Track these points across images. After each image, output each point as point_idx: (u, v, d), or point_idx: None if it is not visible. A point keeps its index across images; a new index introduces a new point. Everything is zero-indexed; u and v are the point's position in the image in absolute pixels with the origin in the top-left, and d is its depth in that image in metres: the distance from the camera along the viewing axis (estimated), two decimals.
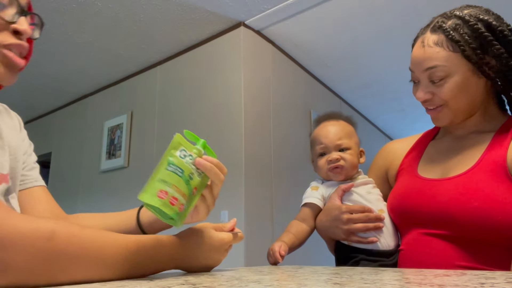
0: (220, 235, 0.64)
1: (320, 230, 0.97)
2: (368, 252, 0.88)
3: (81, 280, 0.43)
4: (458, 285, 0.36)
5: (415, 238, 0.84)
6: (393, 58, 2.76)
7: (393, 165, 1.00)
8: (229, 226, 0.68)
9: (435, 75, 0.80)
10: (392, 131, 4.42)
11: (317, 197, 0.98)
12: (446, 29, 0.79)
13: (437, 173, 0.86)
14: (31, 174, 0.77)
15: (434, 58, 0.79)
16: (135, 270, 0.50)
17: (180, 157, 0.54)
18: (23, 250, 0.39)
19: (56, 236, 0.41)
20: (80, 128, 3.28)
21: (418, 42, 0.84)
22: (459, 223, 0.76)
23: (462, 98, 0.81)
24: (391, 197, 0.93)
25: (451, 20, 0.80)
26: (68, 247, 0.42)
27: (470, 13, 0.80)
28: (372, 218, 0.88)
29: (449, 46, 0.78)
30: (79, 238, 0.44)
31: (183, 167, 0.53)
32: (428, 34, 0.82)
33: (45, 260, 0.40)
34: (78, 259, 0.43)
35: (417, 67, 0.83)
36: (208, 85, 2.39)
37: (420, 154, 0.94)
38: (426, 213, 0.82)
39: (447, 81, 0.79)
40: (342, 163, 0.95)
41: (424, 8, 2.19)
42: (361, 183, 0.97)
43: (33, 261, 0.40)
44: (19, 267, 0.39)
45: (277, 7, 2.17)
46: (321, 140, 1.00)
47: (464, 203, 0.75)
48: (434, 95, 0.82)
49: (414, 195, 0.85)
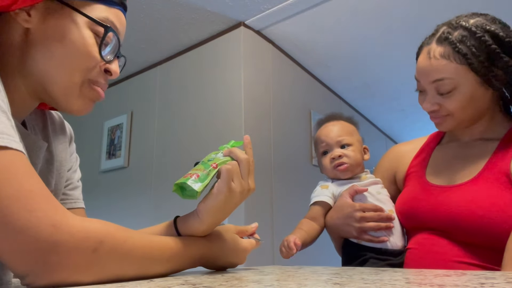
0: (244, 243, 0.70)
1: (330, 227, 0.96)
2: (377, 251, 0.88)
3: (126, 279, 0.48)
4: (458, 285, 0.36)
5: (423, 238, 0.85)
6: (393, 58, 2.76)
7: (401, 168, 1.00)
8: (252, 230, 0.76)
9: (442, 87, 0.79)
10: (392, 131, 4.42)
11: (327, 195, 0.98)
12: (453, 41, 0.77)
13: (444, 179, 0.86)
14: (73, 194, 0.78)
15: (441, 70, 0.78)
16: (173, 268, 0.55)
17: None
18: (72, 255, 0.42)
19: (103, 246, 0.45)
20: (80, 128, 3.28)
21: (423, 52, 0.83)
22: (466, 230, 0.77)
23: (469, 109, 0.81)
24: (400, 201, 0.94)
25: (457, 31, 0.78)
26: (111, 256, 0.46)
27: (476, 24, 0.78)
28: (384, 217, 0.88)
29: (456, 59, 0.77)
30: (121, 248, 0.47)
31: (207, 157, 0.64)
32: (434, 45, 0.80)
33: (90, 267, 0.44)
34: (122, 265, 0.47)
35: (423, 78, 0.83)
36: (208, 85, 2.39)
37: (427, 158, 0.95)
38: (434, 219, 0.83)
39: (454, 94, 0.79)
40: (345, 159, 0.96)
41: (424, 9, 2.19)
42: (371, 183, 0.97)
43: (80, 267, 0.43)
44: (69, 269, 0.42)
45: (277, 7, 2.17)
46: (322, 139, 1.01)
47: (471, 211, 0.76)
48: (441, 106, 0.82)
49: (422, 201, 0.87)
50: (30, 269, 0.41)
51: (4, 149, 0.43)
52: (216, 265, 0.66)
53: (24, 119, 0.64)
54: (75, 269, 0.43)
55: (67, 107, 0.61)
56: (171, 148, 2.49)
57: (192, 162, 2.11)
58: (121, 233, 0.48)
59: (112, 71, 0.62)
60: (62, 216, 0.43)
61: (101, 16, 0.59)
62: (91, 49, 0.58)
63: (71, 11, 0.57)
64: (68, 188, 0.76)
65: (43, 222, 0.41)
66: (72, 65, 0.57)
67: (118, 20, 0.62)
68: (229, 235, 0.67)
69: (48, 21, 0.56)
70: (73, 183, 0.78)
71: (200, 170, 0.60)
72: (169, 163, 2.47)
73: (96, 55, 0.59)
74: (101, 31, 0.59)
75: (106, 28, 0.59)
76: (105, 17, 0.59)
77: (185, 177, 0.59)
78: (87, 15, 0.58)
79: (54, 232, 0.41)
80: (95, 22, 0.58)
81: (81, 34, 0.57)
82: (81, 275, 0.43)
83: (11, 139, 0.44)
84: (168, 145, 2.52)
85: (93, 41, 0.58)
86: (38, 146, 0.63)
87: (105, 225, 0.47)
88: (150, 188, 2.55)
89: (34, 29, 0.56)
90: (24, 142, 0.56)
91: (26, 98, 0.60)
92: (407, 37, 2.46)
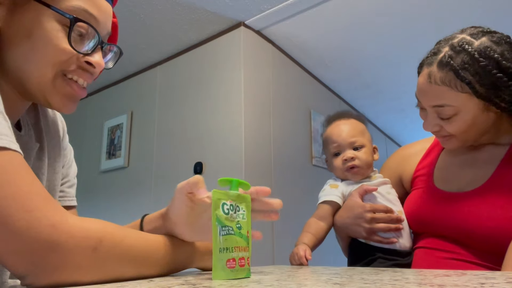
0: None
1: (339, 226, 0.96)
2: (385, 251, 0.88)
3: (125, 278, 0.48)
4: (458, 285, 0.36)
5: (432, 241, 0.85)
6: (393, 58, 2.76)
7: (407, 170, 0.99)
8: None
9: (443, 112, 0.77)
10: (392, 131, 4.42)
11: (337, 195, 0.97)
12: (455, 68, 0.73)
13: (453, 185, 0.86)
14: (70, 192, 0.77)
15: (442, 97, 0.76)
16: (169, 266, 0.55)
17: (225, 214, 0.51)
18: (72, 255, 0.42)
19: (103, 245, 0.45)
20: (80, 128, 3.28)
21: (424, 74, 0.79)
22: (477, 239, 0.78)
23: (471, 132, 0.79)
24: (408, 204, 0.94)
25: (460, 56, 0.74)
26: (111, 255, 0.46)
27: (480, 49, 0.73)
28: (394, 219, 0.88)
29: (457, 86, 0.73)
30: (120, 247, 0.47)
31: (231, 224, 0.52)
32: (435, 68, 0.76)
33: (90, 266, 0.44)
34: (120, 263, 0.47)
35: (423, 100, 0.81)
36: (208, 85, 2.39)
37: (434, 162, 0.94)
38: (443, 228, 0.83)
39: (455, 119, 0.77)
40: (357, 162, 0.95)
41: (424, 9, 2.19)
42: (381, 183, 0.97)
43: (80, 266, 0.43)
44: (69, 269, 0.42)
45: (277, 7, 2.17)
46: (334, 139, 0.99)
47: (481, 222, 0.76)
48: (442, 128, 0.81)
49: (431, 207, 0.86)
50: (30, 270, 0.41)
51: (3, 149, 0.42)
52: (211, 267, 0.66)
53: (19, 118, 0.63)
54: (75, 269, 0.43)
55: (46, 103, 0.59)
56: (171, 148, 2.49)
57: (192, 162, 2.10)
58: (119, 231, 0.48)
59: (93, 62, 0.58)
60: (61, 216, 0.43)
61: (73, 5, 0.55)
62: (58, 42, 0.55)
63: (36, 4, 0.54)
64: (66, 186, 0.75)
65: (42, 222, 0.41)
66: (43, 60, 0.55)
67: (95, 7, 0.57)
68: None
69: (15, 17, 0.54)
70: (70, 181, 0.77)
71: (241, 248, 0.52)
72: (169, 163, 2.47)
73: (66, 48, 0.55)
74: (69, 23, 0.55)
75: (72, 20, 0.54)
76: (77, 6, 0.55)
77: (233, 268, 0.50)
78: (52, 6, 0.54)
79: (53, 232, 0.41)
80: (60, 13, 0.54)
81: (47, 28, 0.54)
82: (81, 275, 0.43)
83: (9, 139, 0.44)
84: (168, 145, 2.52)
85: (62, 33, 0.55)
86: (30, 147, 0.63)
87: (104, 224, 0.47)
88: (150, 188, 2.55)
89: (4, 27, 0.54)
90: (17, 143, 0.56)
91: (13, 97, 0.58)
92: (407, 38, 2.46)
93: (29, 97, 0.59)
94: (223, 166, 2.15)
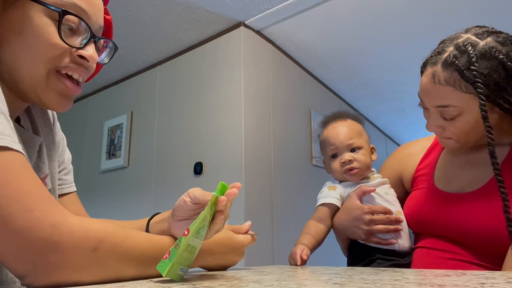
0: (240, 237, 0.68)
1: (337, 229, 0.96)
2: (385, 252, 0.88)
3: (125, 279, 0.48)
4: (458, 285, 0.36)
5: (432, 241, 0.85)
6: (393, 58, 2.76)
7: (408, 170, 0.99)
8: (245, 229, 0.73)
9: (446, 113, 0.77)
10: (392, 131, 4.41)
11: (335, 197, 0.97)
12: (460, 68, 0.72)
13: (454, 186, 0.85)
14: (68, 179, 0.77)
15: (446, 97, 0.75)
16: None
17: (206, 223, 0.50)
18: (73, 255, 0.43)
19: (103, 245, 0.45)
20: (80, 128, 3.28)
21: (427, 73, 0.78)
22: (479, 240, 0.77)
23: (473, 134, 0.78)
24: (409, 205, 0.93)
25: (464, 56, 0.73)
26: (111, 255, 0.46)
27: (485, 49, 0.72)
28: (393, 220, 0.88)
29: (462, 87, 0.73)
30: (121, 247, 0.47)
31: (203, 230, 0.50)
32: (439, 68, 0.75)
33: (90, 266, 0.44)
34: (121, 263, 0.47)
35: (427, 100, 0.80)
36: (208, 85, 2.39)
37: (434, 161, 0.93)
38: (443, 226, 0.83)
39: (459, 120, 0.76)
40: (355, 164, 0.94)
41: (424, 9, 2.19)
42: (379, 183, 0.96)
43: (81, 266, 0.43)
44: (69, 269, 0.42)
45: (277, 7, 2.17)
46: (331, 141, 0.98)
47: (484, 223, 0.76)
48: (445, 129, 0.80)
49: (432, 208, 0.86)
50: (30, 269, 0.41)
51: (4, 149, 0.43)
52: (215, 263, 0.65)
53: (18, 115, 0.63)
54: (75, 268, 0.43)
55: (41, 103, 0.58)
56: (171, 148, 2.49)
57: (192, 163, 2.11)
58: (120, 232, 0.48)
59: (86, 56, 0.57)
60: (61, 216, 0.43)
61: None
62: (50, 37, 0.54)
63: (26, 0, 0.53)
64: (63, 173, 0.76)
65: (42, 222, 0.41)
66: (35, 57, 0.54)
67: (84, 1, 0.57)
68: (224, 232, 0.67)
69: (6, 15, 0.54)
70: (66, 168, 0.77)
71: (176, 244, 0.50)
72: (169, 163, 2.47)
73: (58, 42, 0.55)
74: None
75: (60, 12, 0.54)
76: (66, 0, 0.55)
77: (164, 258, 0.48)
78: (40, 1, 0.53)
79: (53, 232, 0.41)
80: (48, 7, 0.53)
81: (38, 23, 0.53)
82: (81, 275, 0.43)
83: (10, 140, 0.44)
84: (168, 145, 2.52)
85: (52, 28, 0.54)
86: (34, 142, 0.63)
87: (104, 224, 0.47)
88: (150, 188, 2.55)
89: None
90: (21, 140, 0.56)
91: (10, 99, 0.57)
92: (407, 37, 2.46)
93: (24, 97, 0.59)
94: (223, 166, 2.15)
